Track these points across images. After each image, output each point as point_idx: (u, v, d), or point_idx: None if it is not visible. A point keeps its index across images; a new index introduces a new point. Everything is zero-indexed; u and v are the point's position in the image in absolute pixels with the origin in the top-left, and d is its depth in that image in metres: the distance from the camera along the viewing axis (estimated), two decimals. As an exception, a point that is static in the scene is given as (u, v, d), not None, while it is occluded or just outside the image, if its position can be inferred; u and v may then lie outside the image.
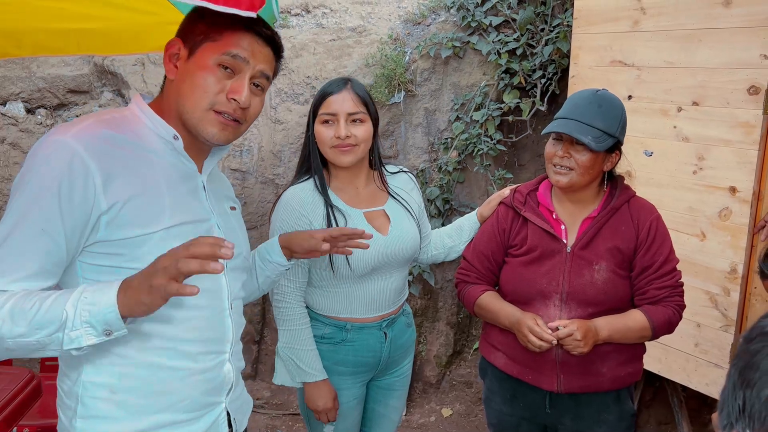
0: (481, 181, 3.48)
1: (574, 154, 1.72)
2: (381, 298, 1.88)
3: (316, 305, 1.88)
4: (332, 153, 1.80)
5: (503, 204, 1.92)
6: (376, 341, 1.89)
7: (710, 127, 2.39)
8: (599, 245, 1.77)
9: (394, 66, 3.42)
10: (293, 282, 1.83)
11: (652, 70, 2.56)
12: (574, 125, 1.69)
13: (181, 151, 1.24)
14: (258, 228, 3.63)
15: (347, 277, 1.82)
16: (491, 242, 1.90)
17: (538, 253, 1.80)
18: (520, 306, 1.81)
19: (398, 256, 1.87)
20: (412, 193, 2.00)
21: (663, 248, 1.79)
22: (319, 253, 1.52)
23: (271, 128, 3.59)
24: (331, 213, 1.79)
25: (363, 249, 1.56)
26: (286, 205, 1.80)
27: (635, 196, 1.87)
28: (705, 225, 2.46)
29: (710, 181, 2.42)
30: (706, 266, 2.47)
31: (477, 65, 3.46)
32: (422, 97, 3.48)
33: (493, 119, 3.35)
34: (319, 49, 3.60)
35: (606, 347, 1.76)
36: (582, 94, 1.77)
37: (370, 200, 1.89)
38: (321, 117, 1.80)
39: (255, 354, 3.72)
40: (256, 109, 1.28)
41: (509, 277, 1.85)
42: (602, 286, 1.75)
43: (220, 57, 1.20)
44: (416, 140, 3.50)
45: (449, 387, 3.55)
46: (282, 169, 3.58)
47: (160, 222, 1.16)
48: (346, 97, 1.79)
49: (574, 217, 1.83)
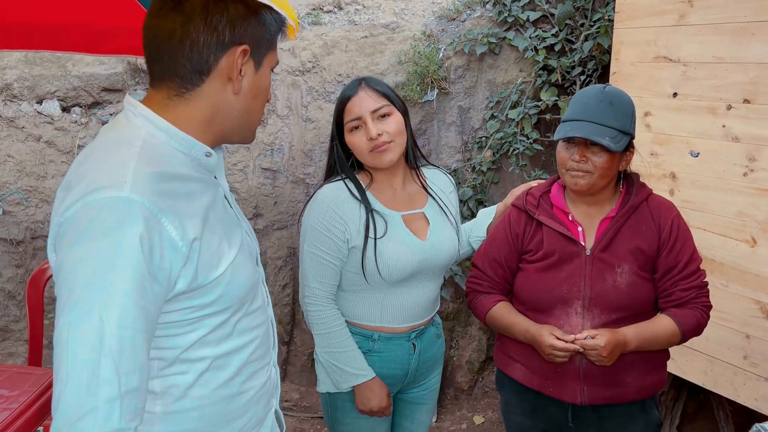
0: (516, 181, 3.37)
1: (590, 157, 1.63)
2: (414, 307, 1.79)
3: (343, 311, 1.81)
4: (371, 158, 1.72)
5: (515, 207, 1.82)
6: (404, 353, 1.81)
7: (763, 126, 2.25)
8: (620, 247, 1.68)
9: (428, 63, 3.34)
10: (324, 285, 1.75)
11: (700, 65, 2.42)
12: (589, 127, 1.60)
13: (212, 167, 1.12)
14: (288, 228, 3.59)
15: (380, 284, 1.74)
16: (504, 248, 1.80)
17: (555, 258, 1.71)
18: (539, 315, 1.72)
19: (436, 264, 1.79)
20: (450, 196, 1.91)
21: (686, 247, 1.70)
22: None
23: (302, 127, 3.54)
24: (370, 217, 1.72)
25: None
26: (320, 204, 1.73)
27: (652, 193, 1.77)
28: (756, 230, 2.31)
29: (762, 183, 2.27)
30: (757, 274, 2.33)
31: (513, 62, 3.36)
32: (456, 95, 3.40)
33: (530, 117, 3.25)
34: (351, 47, 3.54)
35: (631, 356, 1.67)
36: (589, 92, 1.67)
37: (408, 202, 1.81)
38: (348, 126, 1.72)
39: (284, 355, 3.69)
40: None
41: (526, 285, 1.76)
42: (626, 289, 1.66)
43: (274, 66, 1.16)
44: (449, 139, 3.42)
45: (481, 393, 3.46)
46: (313, 168, 3.53)
47: (225, 259, 1.08)
48: (364, 95, 1.71)
49: (591, 218, 1.74)
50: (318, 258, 1.73)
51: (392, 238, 1.72)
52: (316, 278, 1.74)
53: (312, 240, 1.73)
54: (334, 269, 1.74)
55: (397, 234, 1.74)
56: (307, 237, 1.75)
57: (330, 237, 1.71)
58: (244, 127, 1.15)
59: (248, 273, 1.14)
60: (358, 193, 1.74)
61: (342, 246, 1.72)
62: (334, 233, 1.71)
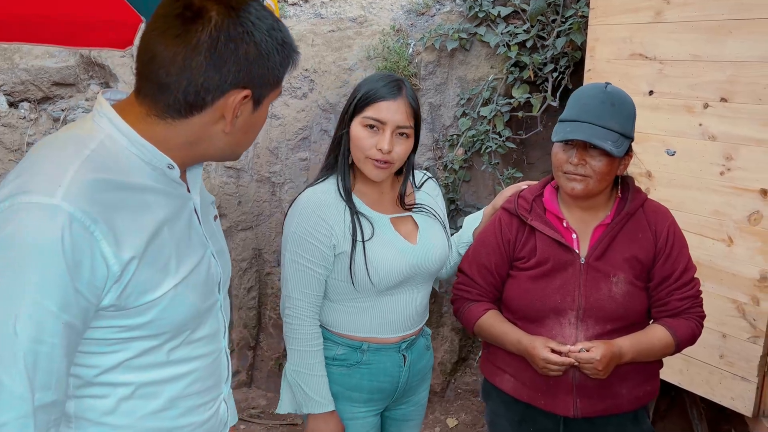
0: (488, 180, 3.33)
1: (589, 161, 1.56)
2: (404, 316, 1.70)
3: (330, 322, 1.70)
4: (366, 164, 1.62)
5: (506, 211, 1.74)
6: (394, 365, 1.72)
7: (740, 125, 2.24)
8: (615, 255, 1.63)
9: (397, 59, 3.26)
10: (308, 296, 1.64)
11: (676, 63, 2.40)
12: (590, 129, 1.53)
13: (176, 178, 1.03)
14: (253, 228, 3.46)
15: (370, 291, 1.64)
16: (494, 254, 1.71)
17: (549, 266, 1.64)
18: (530, 325, 1.66)
19: (427, 269, 1.70)
20: (437, 199, 1.83)
21: (682, 256, 1.66)
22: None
23: (267, 124, 3.41)
24: (356, 220, 1.62)
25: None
26: (303, 208, 1.62)
27: (648, 198, 1.73)
28: (732, 229, 2.31)
29: (739, 182, 2.27)
30: (734, 273, 2.32)
31: (485, 58, 3.30)
32: (427, 92, 3.33)
33: (502, 115, 3.20)
34: (317, 41, 3.43)
35: (625, 367, 1.63)
36: (590, 92, 1.60)
37: (395, 205, 1.72)
38: (365, 120, 1.59)
39: (250, 360, 3.56)
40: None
41: (517, 293, 1.68)
42: (622, 300, 1.61)
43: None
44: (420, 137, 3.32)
45: (454, 396, 3.40)
46: (279, 167, 3.41)
47: (168, 279, 0.99)
48: (401, 107, 1.59)
49: (585, 224, 1.67)
50: (301, 266, 1.63)
51: (381, 241, 1.64)
52: (299, 288, 1.64)
53: (294, 247, 1.63)
54: (318, 278, 1.64)
55: (387, 237, 1.65)
56: (289, 244, 1.64)
57: (314, 243, 1.61)
58: (228, 155, 1.07)
59: (194, 300, 1.03)
60: (345, 194, 1.65)
61: (327, 253, 1.62)
62: (318, 239, 1.61)
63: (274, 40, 0.98)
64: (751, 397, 2.32)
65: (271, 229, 3.45)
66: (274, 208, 3.44)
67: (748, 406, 2.34)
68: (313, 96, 3.38)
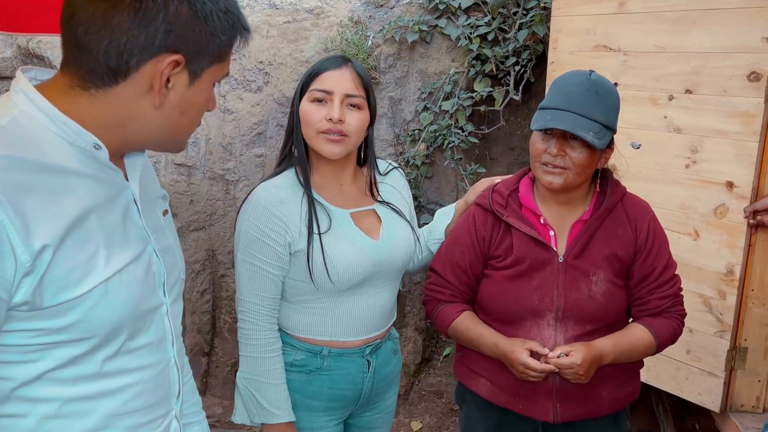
0: (450, 176, 3.26)
1: (569, 152, 1.48)
2: (368, 318, 1.60)
3: (287, 324, 1.59)
4: (318, 140, 1.51)
5: (480, 207, 1.64)
6: (357, 370, 1.61)
7: (705, 117, 2.21)
8: (595, 253, 1.56)
9: (356, 51, 3.15)
10: (263, 299, 1.53)
11: (641, 55, 2.37)
12: (573, 119, 1.44)
13: (105, 161, 0.92)
14: (206, 228, 3.30)
15: (330, 291, 1.53)
16: (468, 253, 1.62)
17: (526, 266, 1.56)
18: (507, 327, 1.57)
19: (392, 265, 1.60)
20: (403, 192, 1.73)
21: (662, 252, 1.60)
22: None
23: (220, 118, 3.26)
24: (313, 211, 1.51)
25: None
26: (255, 205, 1.51)
27: (627, 192, 1.66)
28: (698, 223, 2.28)
29: (704, 175, 2.24)
30: (700, 267, 2.30)
31: (445, 51, 3.22)
32: (387, 86, 3.23)
33: (464, 109, 3.12)
34: (272, 32, 3.29)
35: (606, 369, 1.56)
36: (573, 79, 1.51)
37: (357, 199, 1.62)
38: (311, 94, 1.51)
39: (204, 367, 3.40)
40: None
41: (492, 294, 1.60)
42: (602, 300, 1.54)
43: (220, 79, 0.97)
44: (380, 132, 3.24)
45: (418, 398, 3.31)
46: (233, 164, 3.26)
47: (95, 273, 0.87)
48: (346, 75, 1.51)
49: (562, 220, 1.59)
50: (255, 268, 1.52)
51: (340, 236, 1.54)
52: (253, 291, 1.52)
53: (247, 247, 1.52)
54: (273, 280, 1.53)
55: (346, 233, 1.55)
56: (242, 244, 1.53)
57: (268, 243, 1.50)
58: (166, 141, 0.96)
59: (128, 300, 0.91)
60: (302, 179, 1.54)
61: (282, 252, 1.51)
62: (272, 238, 1.50)
63: (215, 4, 0.87)
64: (718, 393, 2.30)
65: (225, 229, 3.29)
66: (228, 207, 3.28)
67: (715, 402, 2.31)
68: (269, 89, 3.24)
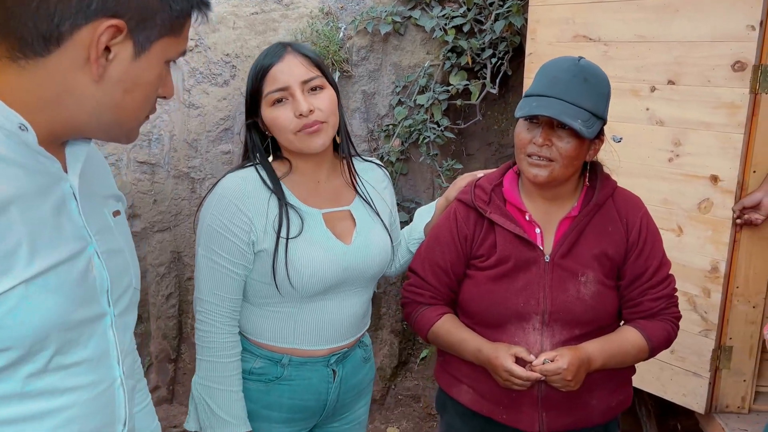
0: (426, 172, 3.16)
1: (556, 142, 1.38)
2: (335, 325, 1.49)
3: (247, 328, 1.49)
4: (299, 139, 1.41)
5: (461, 203, 1.55)
6: (321, 381, 1.50)
7: (688, 108, 2.14)
8: (583, 251, 1.47)
9: (327, 43, 3.03)
10: (223, 299, 1.42)
11: (621, 45, 2.29)
12: (560, 105, 1.35)
13: (35, 146, 0.80)
14: (171, 229, 3.14)
15: (294, 296, 1.43)
16: (449, 252, 1.53)
17: (510, 265, 1.46)
18: (490, 331, 1.48)
19: (363, 272, 1.49)
20: (384, 193, 1.62)
21: (656, 251, 1.51)
22: None
23: (185, 114, 3.11)
24: (284, 212, 1.41)
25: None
26: (220, 198, 1.40)
27: (618, 186, 1.57)
28: (682, 218, 2.21)
29: (688, 169, 2.17)
30: (684, 264, 2.22)
31: (420, 43, 3.12)
32: (359, 79, 3.11)
33: (440, 103, 3.02)
34: (239, 23, 3.15)
35: (595, 375, 1.47)
36: (560, 64, 1.42)
37: (332, 198, 1.51)
38: (270, 98, 1.40)
39: (171, 374, 3.24)
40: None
41: (475, 296, 1.50)
42: (591, 302, 1.45)
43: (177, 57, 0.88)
44: (354, 127, 3.13)
45: (395, 403, 3.20)
46: (198, 161, 3.11)
47: (14, 272, 0.75)
48: (292, 62, 1.40)
49: (549, 216, 1.50)
50: (216, 265, 1.41)
51: (308, 240, 1.43)
52: (213, 290, 1.42)
53: (209, 242, 1.41)
54: (236, 279, 1.42)
55: (316, 235, 1.44)
56: (203, 239, 1.43)
57: (231, 239, 1.40)
58: (111, 125, 0.84)
59: (56, 306, 0.79)
60: (271, 182, 1.44)
61: (246, 250, 1.41)
62: (236, 234, 1.40)
63: None
64: (703, 393, 2.23)
65: (191, 229, 3.15)
66: (194, 207, 3.13)
67: (700, 403, 2.25)
68: (236, 83, 3.10)
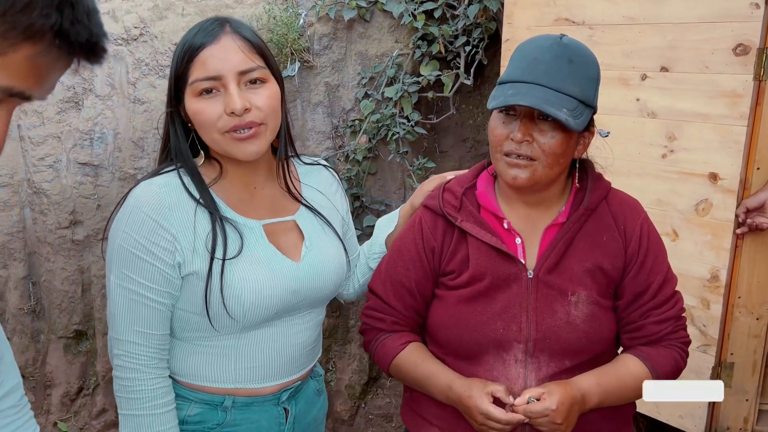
0: (396, 171, 2.92)
1: (538, 137, 1.16)
2: (284, 358, 1.26)
3: (177, 369, 1.24)
4: (227, 142, 1.16)
5: (428, 210, 1.31)
6: (271, 423, 1.28)
7: (684, 98, 1.93)
8: (574, 265, 1.24)
9: (286, 31, 2.79)
10: (147, 336, 1.16)
11: (608, 28, 2.08)
12: (541, 93, 1.12)
13: None
14: (117, 237, 2.86)
15: (232, 328, 1.19)
16: (414, 268, 1.30)
17: (486, 283, 1.23)
18: (463, 363, 1.25)
19: (315, 294, 1.27)
20: (334, 198, 1.39)
21: (659, 263, 1.28)
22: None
23: (130, 110, 2.83)
24: (218, 227, 1.16)
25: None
26: (134, 211, 1.14)
27: (613, 188, 1.34)
28: (678, 221, 2.01)
29: (684, 166, 1.97)
30: (680, 273, 1.94)
31: (387, 30, 2.88)
32: (322, 70, 2.87)
33: (410, 96, 2.78)
34: (189, 10, 2.88)
35: (590, 415, 1.24)
36: (540, 43, 1.18)
37: (272, 206, 1.27)
38: (195, 87, 1.14)
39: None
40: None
41: (445, 321, 1.27)
42: (584, 326, 1.22)
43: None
44: (316, 123, 2.89)
45: (365, 422, 2.96)
46: (146, 161, 2.83)
47: None
48: (230, 45, 1.15)
49: (532, 224, 1.27)
50: (134, 295, 1.16)
51: (250, 259, 1.19)
52: (133, 327, 1.16)
53: (123, 268, 1.16)
54: (160, 311, 1.17)
55: (258, 253, 1.21)
56: (115, 263, 1.17)
57: (151, 262, 1.15)
58: None
59: None
60: (198, 190, 1.18)
61: (170, 274, 1.16)
62: (156, 255, 1.15)
63: None
64: (702, 415, 2.02)
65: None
66: (141, 212, 2.86)
67: (698, 425, 2.04)
68: (186, 76, 2.83)
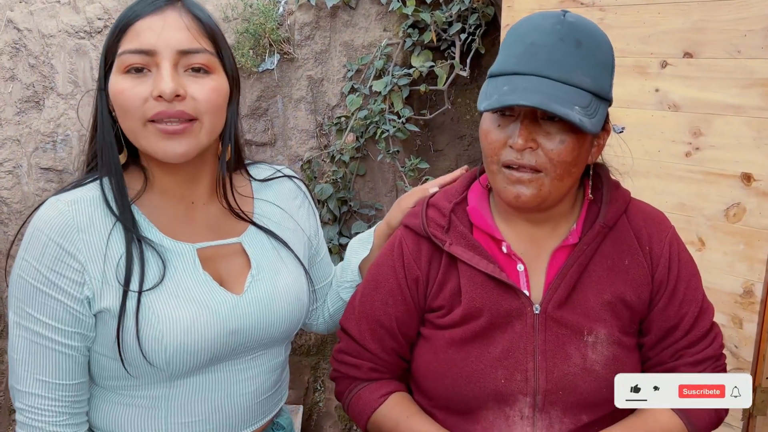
0: (387, 172, 2.72)
1: (543, 142, 0.95)
2: (230, 410, 1.06)
3: (99, 423, 1.03)
4: (147, 135, 0.97)
5: (409, 230, 1.10)
6: None
7: (711, 87, 1.72)
8: (589, 297, 1.03)
9: (263, 20, 2.61)
10: (54, 387, 0.96)
11: (623, 9, 1.87)
12: (546, 87, 0.91)
13: None
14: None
15: (155, 376, 0.99)
16: (395, 303, 1.09)
17: (483, 322, 1.02)
18: (456, 419, 1.06)
19: (262, 333, 1.05)
20: (298, 215, 1.18)
21: (692, 291, 1.08)
22: None
23: (94, 109, 2.61)
24: (134, 250, 0.96)
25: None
26: (36, 235, 0.96)
27: (633, 199, 1.13)
28: (704, 229, 1.80)
29: (712, 166, 1.76)
30: (707, 287, 1.74)
31: (375, 18, 2.68)
32: (304, 62, 2.67)
33: (400, 90, 2.58)
34: (157, -2, 2.66)
35: None
36: (539, 23, 0.96)
37: (213, 226, 1.07)
38: (123, 59, 0.96)
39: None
40: None
41: (433, 367, 1.07)
42: (604, 372, 1.01)
43: None
44: (299, 120, 2.70)
45: (357, 446, 2.75)
46: (112, 167, 2.62)
47: None
48: (173, 20, 0.97)
49: (537, 245, 1.07)
50: (36, 337, 0.96)
51: (173, 291, 0.98)
52: (36, 375, 0.96)
53: (23, 304, 0.97)
54: (70, 356, 0.97)
55: (185, 283, 1.00)
56: (16, 299, 0.98)
57: (55, 297, 0.95)
58: None
59: None
60: (117, 205, 0.98)
61: (80, 311, 0.96)
62: (62, 288, 0.95)
63: None
64: (736, 447, 1.80)
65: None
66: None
67: (730, 458, 1.81)
68: (154, 71, 2.62)
